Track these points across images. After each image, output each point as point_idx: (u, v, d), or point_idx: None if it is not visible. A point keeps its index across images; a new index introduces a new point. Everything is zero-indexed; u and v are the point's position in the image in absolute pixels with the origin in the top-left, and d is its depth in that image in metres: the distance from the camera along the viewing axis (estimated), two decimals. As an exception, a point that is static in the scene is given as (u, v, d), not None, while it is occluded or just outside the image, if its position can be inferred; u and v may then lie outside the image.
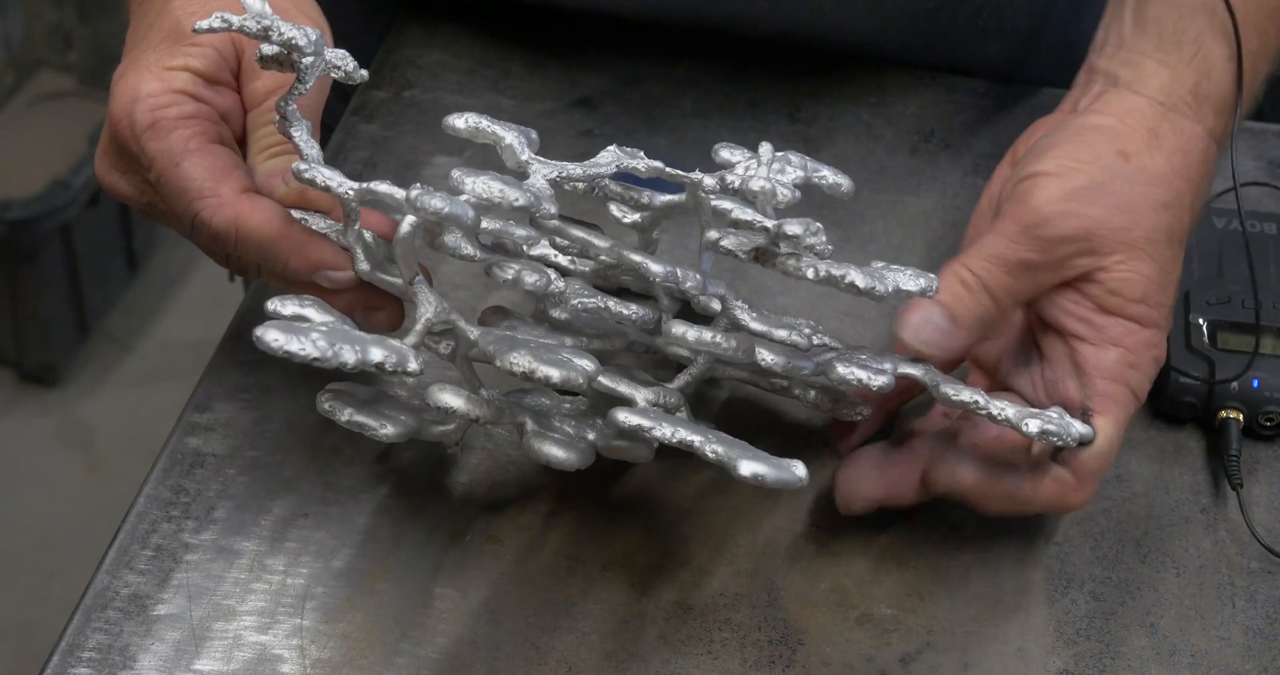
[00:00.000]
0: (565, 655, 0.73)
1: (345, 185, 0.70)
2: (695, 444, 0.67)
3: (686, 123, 0.97)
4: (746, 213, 0.70)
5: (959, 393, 0.71)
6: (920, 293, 0.70)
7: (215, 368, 0.83)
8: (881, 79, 1.00)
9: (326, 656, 0.72)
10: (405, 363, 0.67)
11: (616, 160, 0.75)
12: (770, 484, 0.65)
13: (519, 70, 1.00)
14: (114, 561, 0.75)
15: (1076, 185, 0.73)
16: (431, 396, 0.69)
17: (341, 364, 0.64)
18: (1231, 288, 0.85)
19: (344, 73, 0.74)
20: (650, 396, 0.73)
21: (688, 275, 0.71)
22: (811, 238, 0.68)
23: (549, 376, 0.66)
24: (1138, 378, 0.73)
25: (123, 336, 2.10)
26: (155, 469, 0.79)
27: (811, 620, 0.75)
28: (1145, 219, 0.73)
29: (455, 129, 0.75)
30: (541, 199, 0.69)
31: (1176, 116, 0.76)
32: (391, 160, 0.94)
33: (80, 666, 0.71)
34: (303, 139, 0.73)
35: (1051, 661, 0.74)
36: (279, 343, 0.63)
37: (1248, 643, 0.75)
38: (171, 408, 0.86)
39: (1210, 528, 0.79)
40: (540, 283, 0.70)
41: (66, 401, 2.03)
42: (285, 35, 0.70)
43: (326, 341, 0.64)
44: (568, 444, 0.71)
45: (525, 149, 0.74)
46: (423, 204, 0.65)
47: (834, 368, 0.70)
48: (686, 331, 0.71)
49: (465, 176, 0.68)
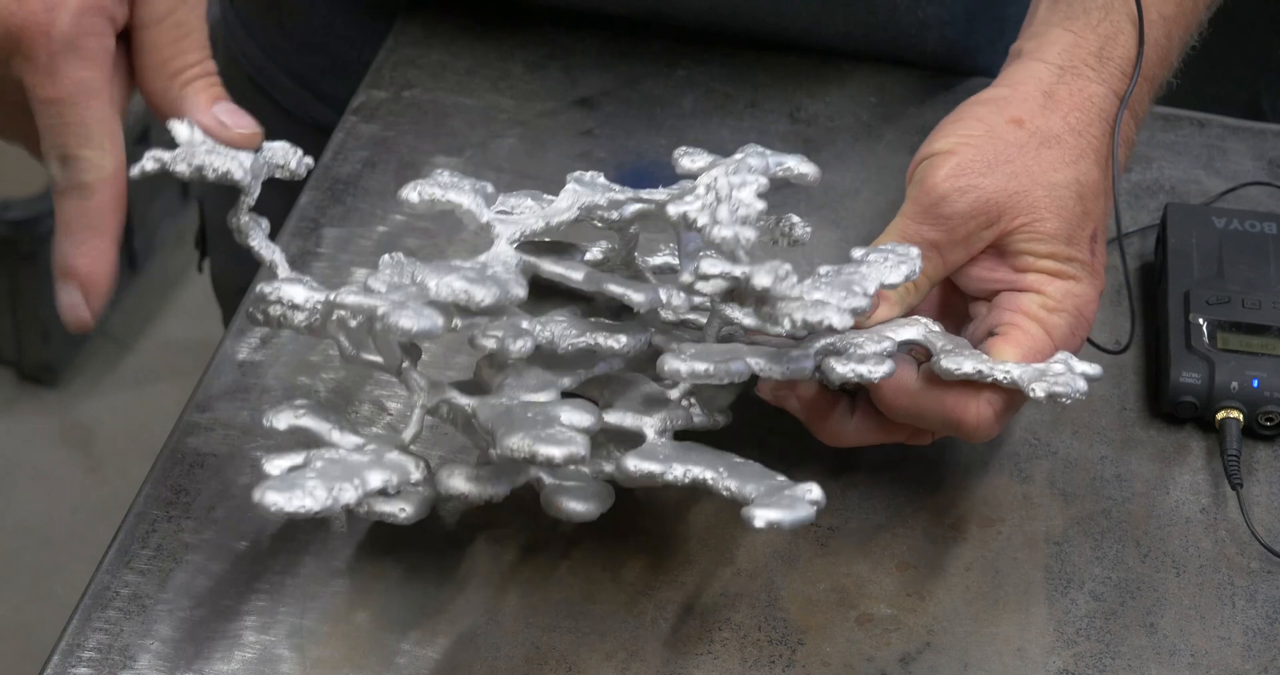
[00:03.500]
0: (565, 655, 0.73)
1: (312, 299, 0.71)
2: (708, 481, 0.68)
3: (686, 123, 0.97)
4: (715, 265, 0.70)
5: (960, 365, 0.72)
6: (905, 280, 0.72)
7: (215, 368, 0.83)
8: (881, 79, 1.00)
9: (326, 656, 0.72)
10: (407, 477, 0.68)
11: (576, 201, 0.74)
12: (787, 529, 0.65)
13: (519, 70, 1.00)
14: (114, 561, 0.75)
15: (968, 159, 0.75)
16: (442, 484, 0.70)
17: (345, 506, 0.65)
18: (1231, 288, 0.85)
19: (287, 171, 0.74)
20: (657, 425, 0.73)
21: (670, 295, 0.71)
22: (781, 284, 0.69)
23: (551, 457, 0.65)
24: (1055, 321, 0.74)
25: (123, 336, 2.10)
26: (155, 469, 0.79)
27: (811, 620, 0.75)
28: (1043, 179, 0.75)
29: (410, 203, 0.74)
30: (508, 289, 0.68)
31: (1074, 78, 0.78)
32: (391, 160, 0.94)
33: (80, 666, 0.71)
34: (263, 245, 0.73)
35: (1051, 661, 0.74)
36: (278, 506, 0.64)
37: (1248, 643, 0.75)
38: (171, 408, 0.86)
39: (1210, 528, 0.79)
40: (525, 347, 0.69)
41: (66, 401, 2.03)
42: (219, 171, 0.71)
43: (324, 490, 0.65)
44: (585, 494, 0.71)
45: (484, 210, 0.74)
46: (391, 326, 0.65)
47: (833, 369, 0.71)
48: (680, 367, 0.70)
49: (429, 277, 0.67)
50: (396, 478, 0.68)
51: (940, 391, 0.72)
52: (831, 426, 0.75)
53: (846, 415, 0.75)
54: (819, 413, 0.75)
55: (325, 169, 0.94)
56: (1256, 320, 0.83)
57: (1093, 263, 0.76)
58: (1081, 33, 0.79)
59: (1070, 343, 0.75)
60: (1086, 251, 0.76)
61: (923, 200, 0.75)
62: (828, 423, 0.75)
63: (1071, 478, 0.81)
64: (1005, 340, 0.74)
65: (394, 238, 0.90)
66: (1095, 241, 0.77)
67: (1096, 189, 0.77)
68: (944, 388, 0.72)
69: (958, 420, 0.73)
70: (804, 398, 0.74)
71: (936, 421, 0.73)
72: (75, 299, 0.71)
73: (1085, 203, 0.76)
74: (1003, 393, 0.73)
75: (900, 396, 0.73)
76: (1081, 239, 0.76)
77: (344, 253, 0.89)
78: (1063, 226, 0.75)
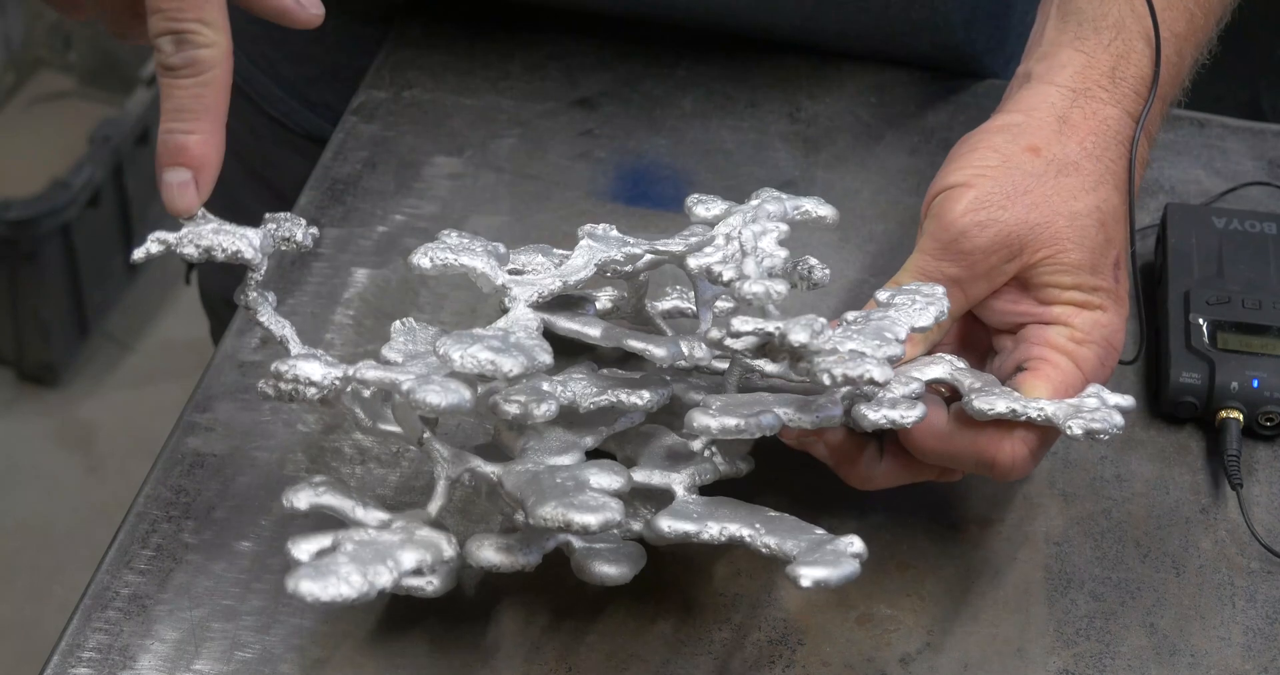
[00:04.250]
0: (565, 655, 0.73)
1: (330, 376, 0.69)
2: (746, 539, 0.68)
3: (686, 123, 0.97)
4: (747, 323, 0.69)
5: (994, 406, 0.70)
6: (936, 321, 0.70)
7: (215, 368, 0.83)
8: (881, 79, 1.00)
9: (326, 656, 0.72)
10: (440, 555, 0.67)
11: (592, 258, 0.74)
12: (834, 586, 0.64)
13: (519, 70, 1.00)
14: (114, 561, 0.75)
15: (986, 192, 0.74)
16: (472, 557, 0.69)
17: (381, 590, 0.64)
18: (1231, 288, 0.85)
19: (294, 244, 0.73)
20: (685, 481, 0.72)
21: (693, 347, 0.71)
22: (817, 339, 0.68)
23: (587, 525, 0.64)
24: (1084, 353, 0.73)
25: (123, 336, 2.10)
26: (155, 469, 0.79)
27: (811, 620, 0.75)
28: (1063, 208, 0.74)
29: (422, 269, 0.73)
30: (535, 357, 0.67)
31: (1088, 100, 0.76)
32: (391, 160, 0.94)
33: (80, 666, 0.71)
34: (272, 321, 0.72)
35: (1051, 661, 0.74)
36: (315, 595, 0.62)
37: (1248, 643, 0.75)
38: (171, 408, 0.86)
39: (1210, 528, 0.79)
40: (550, 411, 0.68)
41: (66, 401, 2.03)
42: (228, 251, 0.70)
43: (359, 575, 0.63)
44: (617, 557, 0.70)
45: (499, 272, 0.73)
46: (418, 402, 0.64)
47: (865, 417, 0.69)
48: (710, 423, 0.69)
49: (452, 350, 0.66)
50: (430, 556, 0.66)
51: (973, 432, 0.71)
52: (860, 471, 0.74)
53: (875, 459, 0.74)
54: (848, 458, 0.74)
55: (325, 169, 0.94)
56: (1256, 320, 0.83)
57: (1117, 290, 0.75)
58: (1094, 53, 0.77)
59: (1100, 374, 0.74)
60: (1111, 279, 0.74)
61: (941, 236, 0.74)
62: (856, 467, 0.74)
63: (1071, 478, 0.81)
64: (1035, 375, 0.72)
65: (394, 238, 0.90)
66: (1118, 267, 0.75)
67: (1117, 215, 0.75)
68: (976, 428, 0.71)
69: (991, 460, 0.72)
70: (831, 444, 0.73)
71: (969, 463, 0.72)
72: (185, 177, 0.70)
73: (1107, 230, 0.75)
74: (1036, 431, 0.71)
75: (931, 439, 0.72)
76: (1105, 267, 0.74)
77: (344, 253, 0.89)
78: (1087, 257, 0.74)
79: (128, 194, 2.04)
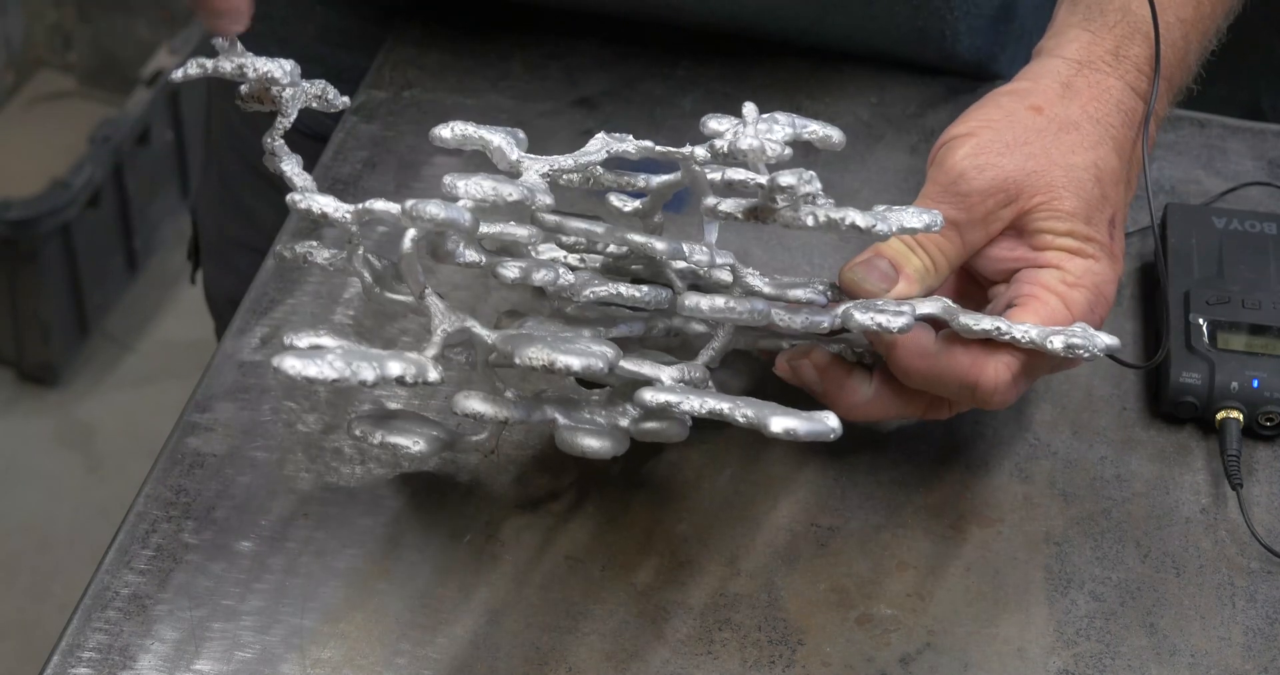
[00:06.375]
0: (565, 655, 0.73)
1: (341, 209, 0.71)
2: (725, 411, 0.67)
3: (686, 123, 0.97)
4: (739, 172, 0.71)
5: (979, 322, 0.72)
6: (925, 228, 0.72)
7: (215, 368, 0.83)
8: (881, 79, 1.00)
9: (326, 656, 0.72)
10: (425, 374, 0.67)
11: (605, 146, 0.75)
12: (803, 437, 0.65)
13: (519, 70, 1.00)
14: (114, 561, 0.75)
15: (987, 139, 0.76)
16: (458, 404, 0.70)
17: (361, 382, 0.64)
18: (1231, 288, 0.85)
19: (325, 100, 0.76)
20: (675, 374, 0.73)
21: (694, 248, 0.71)
22: (806, 186, 0.69)
23: (569, 366, 0.65)
24: (1075, 296, 0.74)
25: (123, 336, 2.10)
26: (155, 469, 0.79)
27: (811, 620, 0.75)
28: (1061, 160, 0.76)
29: (443, 139, 0.75)
30: (536, 192, 0.69)
31: (1091, 72, 0.79)
32: (391, 160, 0.94)
33: (80, 666, 0.71)
34: (294, 172, 0.74)
35: (1051, 661, 0.74)
36: (296, 369, 0.63)
37: (1248, 643, 0.75)
38: (171, 408, 0.86)
39: (1210, 528, 0.79)
40: (549, 277, 0.70)
41: (66, 401, 2.03)
42: (260, 70, 0.72)
43: (344, 361, 0.64)
44: (600, 433, 0.71)
45: (515, 149, 0.75)
46: (418, 213, 0.65)
47: (853, 316, 0.71)
48: (700, 301, 0.70)
49: (458, 180, 0.68)
50: (415, 370, 0.67)
51: (958, 351, 0.73)
52: (848, 396, 0.75)
53: (864, 383, 0.75)
54: (835, 381, 0.75)
55: (325, 169, 0.94)
56: (1256, 320, 0.83)
57: (1112, 246, 0.76)
58: (1098, 32, 0.80)
59: (1089, 319, 0.75)
60: (1105, 233, 0.76)
61: (942, 179, 0.76)
62: (844, 392, 0.75)
63: (1071, 478, 0.81)
64: (1024, 310, 0.74)
65: (393, 238, 0.89)
66: (1114, 226, 0.77)
67: (1115, 176, 0.77)
68: (961, 348, 0.73)
69: (974, 382, 0.73)
70: (819, 364, 0.75)
71: (953, 385, 0.73)
72: None
73: (1104, 186, 0.77)
74: (1020, 355, 0.73)
75: (917, 359, 0.73)
76: (1100, 221, 0.76)
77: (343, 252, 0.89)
78: (1081, 206, 0.76)
79: (128, 194, 2.03)
